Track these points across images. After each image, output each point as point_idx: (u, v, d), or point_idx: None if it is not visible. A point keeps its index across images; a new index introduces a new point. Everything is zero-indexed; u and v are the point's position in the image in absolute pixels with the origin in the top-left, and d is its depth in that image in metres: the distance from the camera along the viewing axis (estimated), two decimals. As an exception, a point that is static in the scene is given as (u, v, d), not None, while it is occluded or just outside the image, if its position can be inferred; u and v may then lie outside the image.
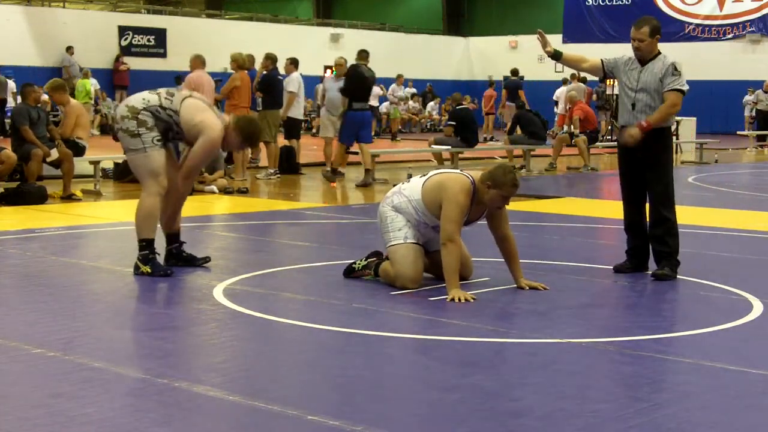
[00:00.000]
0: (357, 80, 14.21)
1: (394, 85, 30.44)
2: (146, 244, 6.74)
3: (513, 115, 19.15)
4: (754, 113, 27.85)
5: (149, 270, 6.67)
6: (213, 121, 6.80)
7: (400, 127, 30.58)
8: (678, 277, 6.85)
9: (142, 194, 6.85)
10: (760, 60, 31.18)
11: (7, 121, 21.47)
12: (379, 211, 6.60)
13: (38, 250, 7.74)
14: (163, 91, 6.86)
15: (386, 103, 30.91)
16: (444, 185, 6.25)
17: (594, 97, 26.89)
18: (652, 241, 7.00)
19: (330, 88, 15.30)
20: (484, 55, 38.96)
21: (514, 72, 26.16)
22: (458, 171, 6.59)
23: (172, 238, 7.08)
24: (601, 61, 7.20)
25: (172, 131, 6.80)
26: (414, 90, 32.79)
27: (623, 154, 7.15)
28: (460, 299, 5.93)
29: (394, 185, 6.82)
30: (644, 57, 6.94)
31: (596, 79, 8.94)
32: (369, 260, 6.65)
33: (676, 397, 4.20)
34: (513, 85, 25.94)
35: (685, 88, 6.89)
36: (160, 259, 6.89)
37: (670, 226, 6.92)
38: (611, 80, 27.13)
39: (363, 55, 14.65)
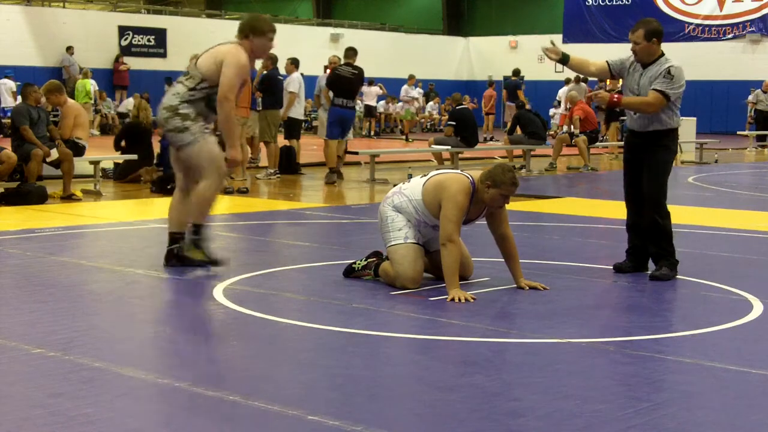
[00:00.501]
0: (333, 78, 14.49)
1: (406, 86, 30.26)
2: (200, 229, 6.81)
3: (513, 115, 19.15)
4: (753, 113, 27.81)
5: (202, 256, 6.73)
6: (227, 46, 6.88)
7: (401, 128, 30.56)
8: (678, 277, 6.85)
9: (202, 181, 6.86)
10: (760, 60, 31.19)
11: (6, 121, 21.50)
12: (379, 211, 6.61)
13: (38, 250, 7.74)
14: (181, 77, 6.94)
15: (383, 102, 30.86)
16: (444, 185, 6.25)
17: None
18: (648, 242, 6.98)
19: (324, 88, 15.28)
20: (484, 55, 38.98)
21: (516, 72, 26.13)
22: (458, 171, 6.59)
23: (177, 237, 7.07)
24: (607, 63, 7.15)
25: (212, 99, 6.84)
26: (421, 90, 32.74)
27: (627, 154, 7.14)
28: (460, 299, 5.93)
29: (395, 185, 6.82)
30: (642, 60, 6.89)
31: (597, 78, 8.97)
32: (369, 260, 6.65)
33: (676, 397, 4.20)
34: (513, 85, 25.92)
35: (670, 92, 6.74)
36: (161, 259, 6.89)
37: (662, 228, 6.90)
38: (612, 80, 27.02)
39: (349, 53, 14.79)
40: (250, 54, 6.92)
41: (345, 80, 14.40)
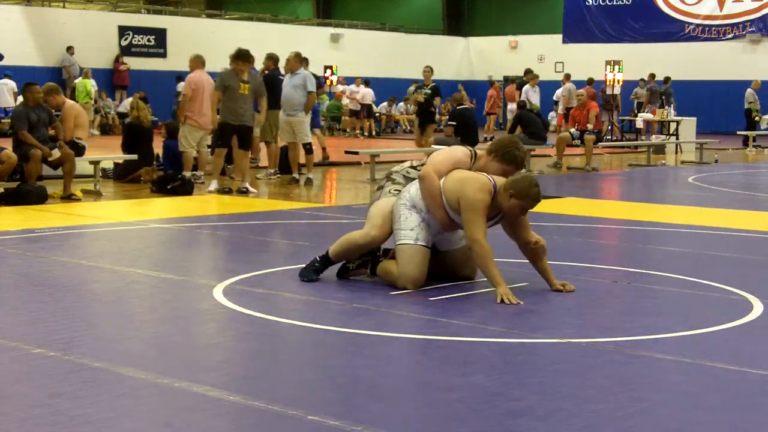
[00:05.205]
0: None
1: (527, 86, 26.46)
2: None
3: (514, 115, 19.13)
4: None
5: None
6: None
7: (403, 128, 30.46)
8: (678, 276, 6.85)
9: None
10: (760, 60, 31.17)
11: (6, 121, 21.47)
12: (393, 208, 6.51)
13: (38, 250, 7.74)
14: None
15: (384, 104, 30.78)
16: (464, 184, 6.16)
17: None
18: None
19: (284, 86, 13.90)
20: (484, 55, 38.96)
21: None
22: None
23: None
24: None
25: None
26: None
27: None
28: (510, 301, 5.87)
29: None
30: None
31: (601, 78, 8.85)
32: (363, 259, 6.62)
33: (676, 397, 4.20)
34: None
35: None
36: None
37: None
38: (613, 80, 26.91)
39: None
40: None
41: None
